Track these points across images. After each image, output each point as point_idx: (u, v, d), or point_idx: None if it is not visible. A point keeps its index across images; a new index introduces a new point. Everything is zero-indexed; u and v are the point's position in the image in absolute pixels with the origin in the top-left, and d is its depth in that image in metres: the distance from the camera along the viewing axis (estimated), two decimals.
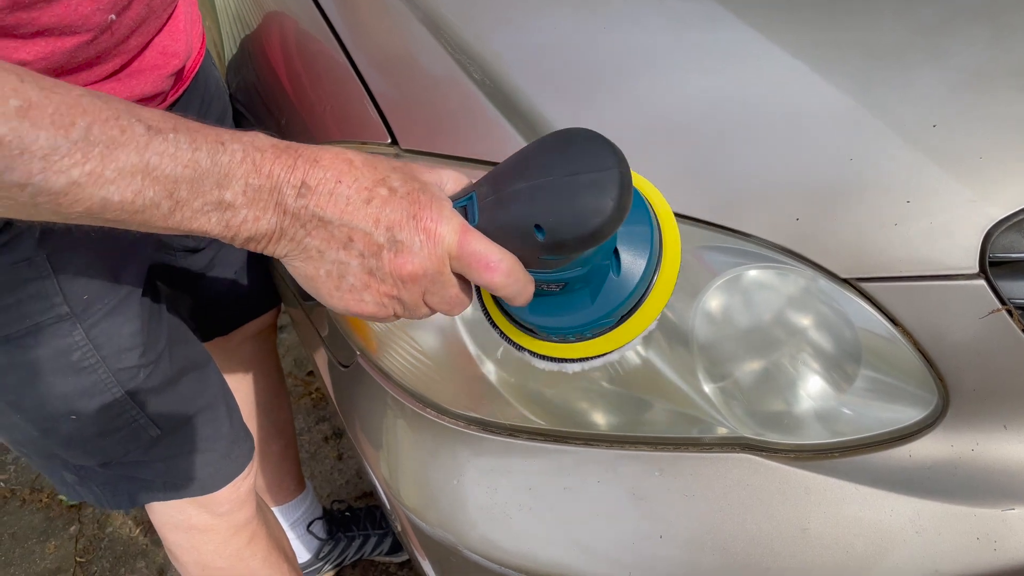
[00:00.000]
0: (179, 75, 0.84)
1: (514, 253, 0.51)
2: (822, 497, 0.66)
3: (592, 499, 0.70)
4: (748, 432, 0.68)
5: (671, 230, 0.54)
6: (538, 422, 0.72)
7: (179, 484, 0.91)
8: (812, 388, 0.68)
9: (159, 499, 0.93)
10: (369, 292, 0.51)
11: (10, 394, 0.79)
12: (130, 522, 1.73)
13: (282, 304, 1.20)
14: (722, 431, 0.69)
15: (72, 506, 1.81)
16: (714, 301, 0.68)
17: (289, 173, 0.48)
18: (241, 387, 1.26)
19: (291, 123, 0.89)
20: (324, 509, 1.51)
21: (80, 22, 0.64)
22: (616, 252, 0.52)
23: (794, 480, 0.67)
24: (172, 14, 0.79)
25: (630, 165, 0.49)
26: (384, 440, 0.81)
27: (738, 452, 0.69)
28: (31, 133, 0.42)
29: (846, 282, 0.65)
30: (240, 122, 1.04)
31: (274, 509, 1.40)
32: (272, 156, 0.48)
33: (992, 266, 0.63)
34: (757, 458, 0.68)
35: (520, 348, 0.58)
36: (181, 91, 0.87)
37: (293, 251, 0.50)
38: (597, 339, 0.55)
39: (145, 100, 0.79)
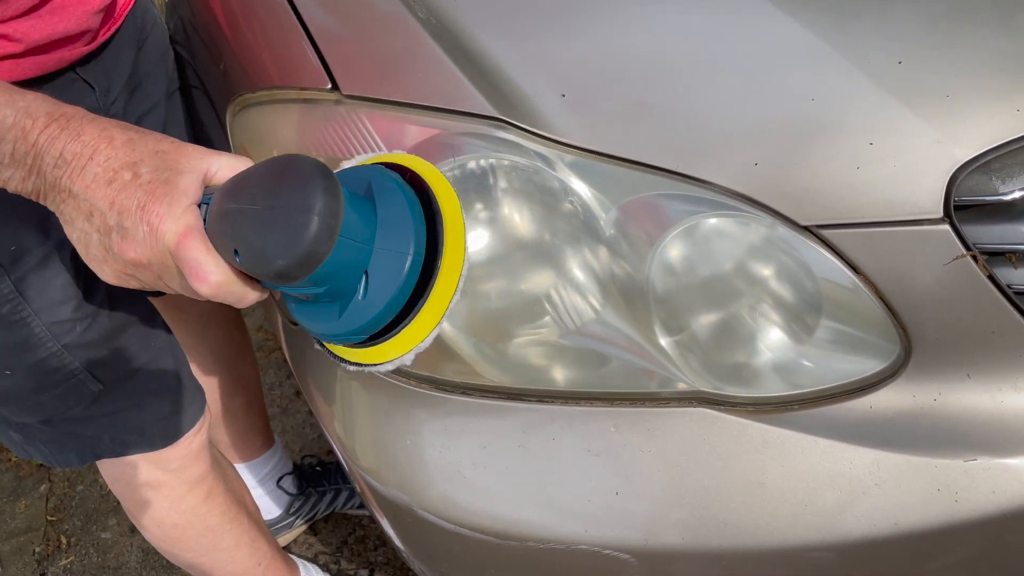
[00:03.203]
0: (108, 12, 0.79)
1: (230, 263, 0.52)
2: (780, 450, 0.64)
3: (547, 456, 0.69)
4: (706, 386, 0.66)
5: (455, 243, 0.54)
6: (492, 380, 0.70)
7: (126, 441, 0.89)
8: (771, 340, 0.65)
9: (107, 456, 0.91)
10: (107, 265, 0.55)
11: None
12: (101, 480, 1.72)
13: None
14: (680, 385, 0.67)
15: (41, 465, 1.79)
16: (671, 251, 0.65)
17: (51, 144, 0.52)
18: (201, 342, 1.22)
19: (230, 67, 0.84)
20: (294, 464, 1.50)
21: None
22: (366, 274, 0.53)
23: (752, 433, 0.65)
24: None
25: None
26: (338, 400, 0.79)
27: (696, 406, 0.67)
28: None
29: (806, 229, 0.63)
30: (183, 67, 0.99)
31: (242, 465, 1.38)
32: (42, 125, 0.53)
33: (957, 210, 0.61)
34: (715, 412, 0.66)
35: (330, 352, 0.60)
36: (113, 30, 0.82)
37: (60, 213, 0.55)
38: (366, 349, 0.56)
39: (70, 39, 0.74)
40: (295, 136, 0.73)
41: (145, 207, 0.51)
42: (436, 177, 0.57)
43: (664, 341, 0.66)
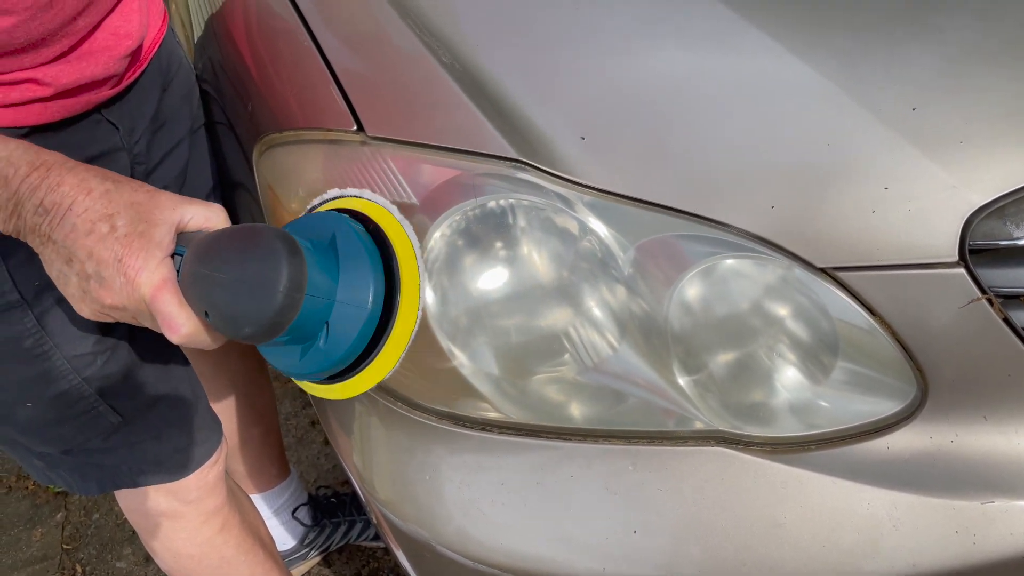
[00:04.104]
0: (135, 56, 0.81)
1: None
2: (798, 491, 0.65)
3: (565, 493, 0.69)
4: (724, 425, 0.67)
5: (410, 296, 0.60)
6: (511, 416, 0.70)
7: (144, 471, 0.90)
8: (788, 380, 0.66)
9: (126, 486, 0.92)
10: (85, 304, 0.59)
11: None
12: (117, 508, 1.72)
13: None
14: (698, 424, 0.67)
15: (59, 492, 1.80)
16: (688, 291, 0.66)
17: (31, 193, 0.56)
18: (218, 372, 1.24)
19: (257, 108, 0.87)
20: (309, 495, 1.50)
21: (14, 1, 0.63)
22: (327, 324, 0.57)
23: (770, 473, 0.66)
24: None
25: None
26: (357, 434, 0.80)
27: (713, 445, 0.67)
28: None
29: (823, 271, 0.63)
30: (209, 105, 1.02)
31: (257, 496, 1.39)
32: (23, 174, 0.56)
33: (972, 254, 0.61)
34: (732, 451, 0.67)
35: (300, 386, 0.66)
36: (138, 72, 0.84)
37: (39, 253, 0.59)
38: (325, 385, 0.63)
39: (97, 82, 0.76)
40: (320, 176, 0.75)
41: (122, 260, 0.56)
42: (393, 226, 0.64)
43: (682, 380, 0.66)
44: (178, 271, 0.58)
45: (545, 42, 0.77)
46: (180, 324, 0.56)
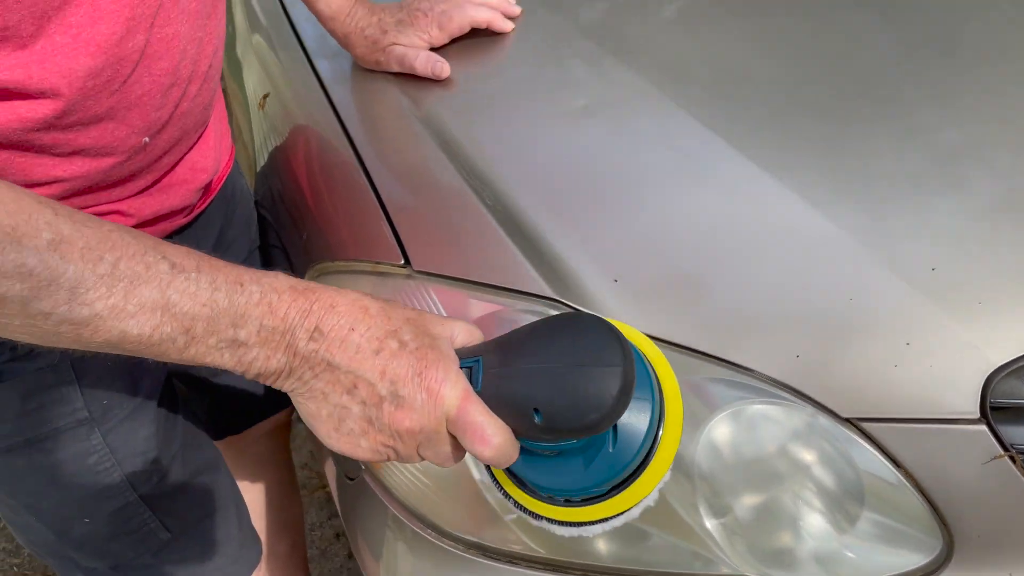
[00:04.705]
0: (207, 187, 0.88)
1: (509, 423, 0.52)
2: None
3: None
4: (750, 570, 0.67)
5: (673, 397, 0.55)
6: (538, 550, 0.72)
7: None
8: (814, 528, 0.67)
9: None
10: (366, 438, 0.52)
11: (28, 497, 0.80)
12: None
13: None
14: (724, 569, 0.68)
15: None
16: (716, 434, 0.68)
17: (304, 317, 0.50)
18: (252, 485, 1.26)
19: (312, 237, 0.93)
20: None
21: (116, 144, 0.68)
22: (615, 426, 0.53)
23: None
24: (203, 133, 0.84)
25: (618, 332, 0.50)
26: (385, 558, 0.81)
27: None
28: (61, 266, 0.45)
29: (848, 421, 0.65)
30: (265, 229, 1.08)
31: None
32: (289, 299, 0.51)
33: (994, 411, 0.63)
34: None
35: (537, 517, 0.58)
36: (207, 202, 0.91)
37: (299, 389, 0.52)
38: (592, 506, 0.55)
39: (173, 213, 0.82)
40: None
41: (421, 374, 0.51)
42: (643, 339, 0.59)
43: (709, 523, 0.68)
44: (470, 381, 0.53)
45: (581, 188, 0.82)
46: (491, 434, 0.51)
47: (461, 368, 0.53)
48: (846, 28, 0.97)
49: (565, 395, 0.49)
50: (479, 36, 1.02)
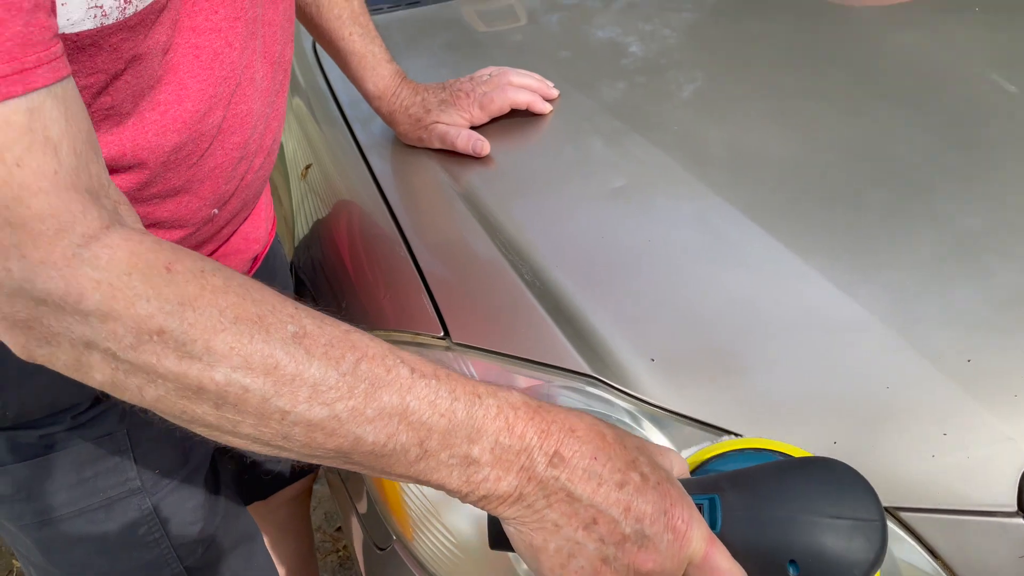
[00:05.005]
0: (255, 257, 0.91)
1: (749, 570, 0.49)
2: None
3: None
4: None
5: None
6: None
7: None
8: None
9: None
10: None
11: (74, 567, 0.80)
12: None
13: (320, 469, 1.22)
14: None
15: None
16: None
17: (543, 439, 0.47)
18: (273, 551, 1.26)
19: (352, 306, 0.95)
20: None
21: (189, 216, 0.70)
22: None
23: None
24: (256, 203, 0.87)
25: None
26: None
27: None
28: (305, 361, 0.43)
29: (885, 509, 0.66)
30: (302, 295, 1.11)
31: None
32: (526, 416, 0.47)
33: None
34: None
35: None
36: (253, 273, 0.93)
37: (525, 517, 0.48)
38: None
39: None
40: None
41: (667, 512, 0.47)
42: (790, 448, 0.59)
43: None
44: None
45: (617, 266, 0.84)
46: None
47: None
48: (870, 113, 1.00)
49: (825, 549, 0.47)
50: (518, 116, 1.06)
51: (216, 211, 0.73)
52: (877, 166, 0.92)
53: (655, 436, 0.72)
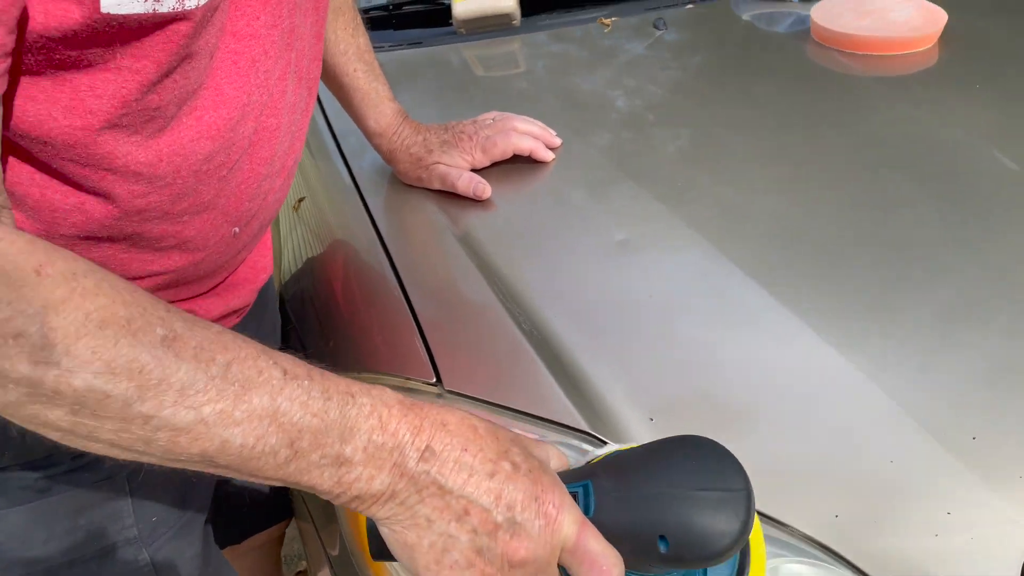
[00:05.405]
0: (259, 288, 0.88)
1: (621, 551, 0.49)
2: None
3: None
4: None
5: (758, 544, 0.55)
6: None
7: None
8: None
9: None
10: (472, 571, 0.48)
11: None
12: None
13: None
14: None
15: None
16: None
17: (415, 435, 0.47)
18: None
19: (339, 345, 0.92)
20: None
21: (211, 234, 0.67)
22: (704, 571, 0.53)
23: None
24: (264, 232, 0.84)
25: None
26: None
27: None
28: (173, 364, 0.42)
29: None
30: (288, 331, 1.08)
31: None
32: (399, 414, 0.47)
33: None
34: None
35: None
36: (251, 304, 0.91)
37: (399, 515, 0.48)
38: None
39: (229, 314, 0.82)
40: None
41: (538, 499, 0.47)
42: None
43: None
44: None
45: (618, 321, 0.83)
46: (612, 563, 0.48)
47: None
48: (874, 180, 1.00)
49: (694, 522, 0.48)
50: (519, 162, 1.05)
51: (237, 230, 0.70)
52: (886, 232, 0.91)
53: None
